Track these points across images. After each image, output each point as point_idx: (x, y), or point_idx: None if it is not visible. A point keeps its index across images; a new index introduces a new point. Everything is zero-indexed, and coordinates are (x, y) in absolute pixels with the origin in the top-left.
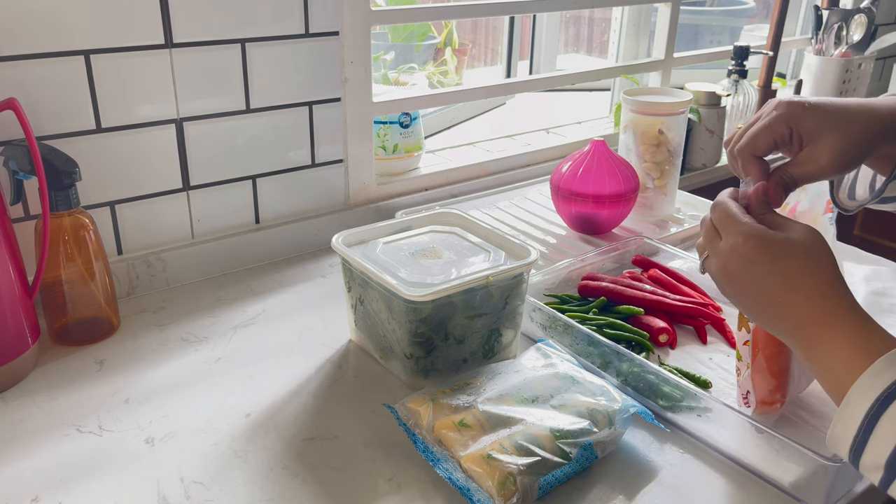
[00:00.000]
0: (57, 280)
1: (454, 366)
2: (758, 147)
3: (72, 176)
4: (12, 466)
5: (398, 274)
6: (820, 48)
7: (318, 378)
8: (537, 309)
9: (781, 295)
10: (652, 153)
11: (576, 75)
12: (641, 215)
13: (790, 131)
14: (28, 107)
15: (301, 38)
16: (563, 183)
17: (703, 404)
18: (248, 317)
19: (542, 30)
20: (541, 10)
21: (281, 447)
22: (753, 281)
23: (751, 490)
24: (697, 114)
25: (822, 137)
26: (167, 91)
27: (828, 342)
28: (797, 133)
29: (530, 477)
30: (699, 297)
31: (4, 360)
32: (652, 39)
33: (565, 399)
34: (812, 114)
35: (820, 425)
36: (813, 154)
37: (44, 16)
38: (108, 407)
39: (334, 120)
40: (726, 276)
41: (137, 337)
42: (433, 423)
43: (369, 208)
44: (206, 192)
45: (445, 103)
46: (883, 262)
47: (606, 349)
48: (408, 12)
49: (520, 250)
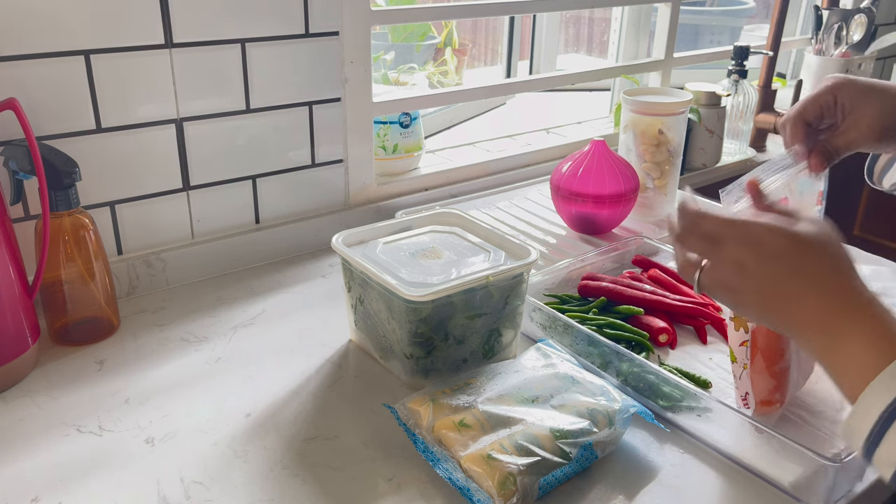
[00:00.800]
0: (57, 280)
1: (454, 366)
2: (806, 113)
3: (72, 176)
4: (12, 466)
5: (398, 274)
6: (820, 48)
7: (318, 378)
8: (537, 309)
9: (804, 291)
10: (652, 153)
11: (576, 75)
12: (641, 215)
13: (834, 101)
14: (28, 107)
15: (301, 38)
16: (563, 183)
17: (703, 404)
18: (248, 317)
19: (542, 30)
20: (541, 10)
21: (281, 447)
22: (773, 278)
23: (751, 490)
24: (697, 114)
25: (861, 107)
26: (167, 91)
27: (850, 338)
28: (840, 103)
29: (530, 477)
30: (699, 296)
31: (4, 360)
32: (652, 39)
33: (565, 399)
34: (854, 86)
35: (820, 425)
36: (854, 121)
37: (44, 15)
38: (108, 407)
39: (334, 120)
40: (743, 277)
41: (137, 337)
42: (433, 423)
43: (369, 208)
44: (206, 192)
45: (445, 103)
46: (883, 262)
47: (606, 349)
48: (408, 12)
49: (520, 250)
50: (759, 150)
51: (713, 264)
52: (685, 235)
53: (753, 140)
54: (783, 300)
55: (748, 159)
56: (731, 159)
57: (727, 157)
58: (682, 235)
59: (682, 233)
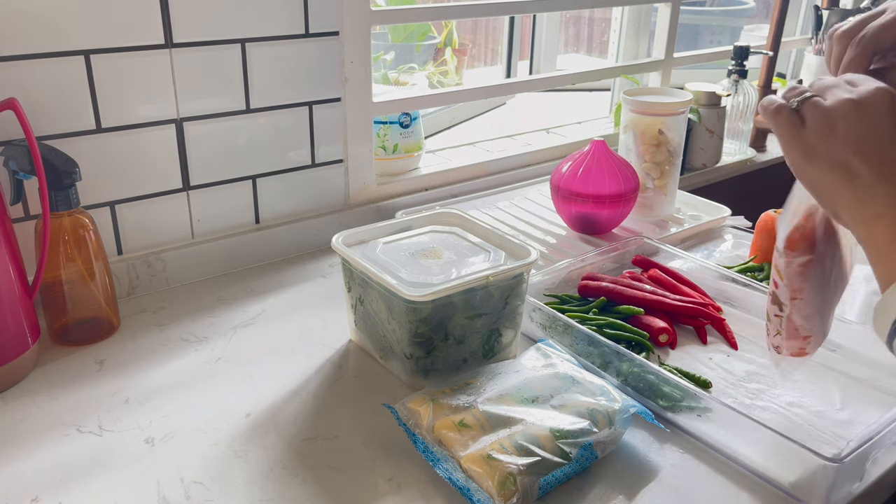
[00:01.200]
0: (57, 280)
1: (454, 366)
2: (883, 41)
3: (72, 176)
4: (12, 466)
5: (398, 274)
6: (820, 48)
7: (318, 378)
8: (537, 309)
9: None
10: (652, 153)
11: (576, 75)
12: (641, 215)
13: None
14: (28, 107)
15: (301, 38)
16: (563, 183)
17: (703, 404)
18: (248, 317)
19: (542, 30)
20: (541, 10)
21: (281, 447)
22: (874, 135)
23: (751, 490)
24: (697, 114)
25: None
26: (167, 91)
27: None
28: None
29: (530, 477)
30: (699, 297)
31: (4, 360)
32: (652, 39)
33: (565, 399)
34: None
35: (820, 425)
36: None
37: (44, 16)
38: (108, 407)
39: (334, 120)
40: (858, 108)
41: (137, 337)
42: (433, 423)
43: (369, 208)
44: (206, 192)
45: (445, 103)
46: None
47: (606, 349)
48: (408, 12)
49: (520, 250)
50: (759, 150)
51: (830, 93)
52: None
53: (753, 140)
54: (869, 164)
55: (748, 159)
56: (731, 159)
57: (727, 157)
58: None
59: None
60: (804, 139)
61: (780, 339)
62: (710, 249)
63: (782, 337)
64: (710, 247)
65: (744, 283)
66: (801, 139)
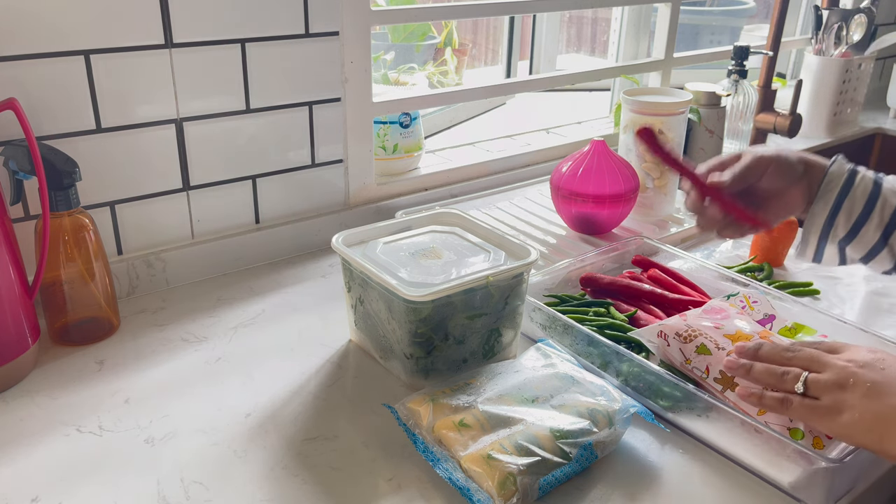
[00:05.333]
0: (57, 280)
1: (454, 366)
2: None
3: (72, 176)
4: (12, 466)
5: (398, 274)
6: (820, 48)
7: (318, 378)
8: (537, 309)
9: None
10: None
11: (576, 75)
12: (641, 215)
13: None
14: (28, 107)
15: (301, 38)
16: (563, 183)
17: (703, 404)
18: (248, 317)
19: (542, 30)
20: (541, 10)
21: (281, 447)
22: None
23: (751, 490)
24: (697, 114)
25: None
26: (167, 91)
27: None
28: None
29: (530, 477)
30: (699, 296)
31: (4, 360)
32: (652, 39)
33: (565, 399)
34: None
35: None
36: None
37: (44, 15)
38: (108, 407)
39: (334, 120)
40: (872, 362)
41: (137, 337)
42: (433, 423)
43: (369, 208)
44: (206, 192)
45: (445, 103)
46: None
47: (606, 349)
48: (408, 12)
49: (520, 250)
50: None
51: (825, 368)
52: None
53: (753, 140)
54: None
55: None
56: None
57: None
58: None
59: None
60: (827, 410)
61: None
62: (710, 249)
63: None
64: (710, 247)
65: (744, 283)
66: (823, 411)
